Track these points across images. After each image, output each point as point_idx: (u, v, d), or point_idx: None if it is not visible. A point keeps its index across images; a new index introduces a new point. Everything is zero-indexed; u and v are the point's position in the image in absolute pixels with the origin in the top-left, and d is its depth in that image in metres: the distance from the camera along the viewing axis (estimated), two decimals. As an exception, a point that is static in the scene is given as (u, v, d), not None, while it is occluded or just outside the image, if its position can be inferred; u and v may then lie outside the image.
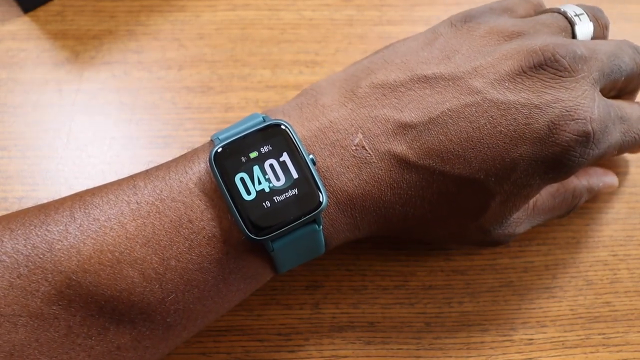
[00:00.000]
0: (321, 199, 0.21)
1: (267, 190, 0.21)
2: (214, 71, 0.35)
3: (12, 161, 0.32)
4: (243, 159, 0.22)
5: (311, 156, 0.22)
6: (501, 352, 0.28)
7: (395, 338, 0.28)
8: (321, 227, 0.22)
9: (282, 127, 0.22)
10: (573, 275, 0.30)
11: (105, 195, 0.22)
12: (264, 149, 0.22)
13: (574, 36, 0.26)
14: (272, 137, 0.22)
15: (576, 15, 0.26)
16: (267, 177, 0.21)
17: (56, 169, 0.32)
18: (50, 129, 0.33)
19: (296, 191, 0.21)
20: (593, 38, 0.27)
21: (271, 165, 0.22)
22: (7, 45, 0.35)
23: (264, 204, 0.21)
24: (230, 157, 0.22)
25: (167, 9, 0.37)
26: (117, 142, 0.33)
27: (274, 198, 0.21)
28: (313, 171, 0.22)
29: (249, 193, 0.21)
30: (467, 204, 0.24)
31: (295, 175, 0.22)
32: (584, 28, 0.26)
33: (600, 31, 0.27)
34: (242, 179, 0.21)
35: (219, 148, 0.22)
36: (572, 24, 0.26)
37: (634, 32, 0.37)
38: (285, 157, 0.22)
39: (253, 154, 0.22)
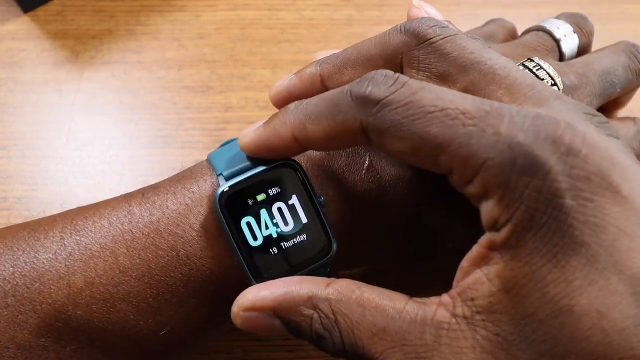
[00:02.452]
0: (331, 246, 0.20)
1: (274, 235, 0.20)
2: (214, 71, 0.35)
3: (12, 161, 0.32)
4: (250, 202, 0.20)
5: (321, 198, 0.21)
6: (501, 352, 0.28)
7: (394, 338, 0.28)
8: (329, 270, 0.21)
9: (292, 167, 0.21)
10: (573, 276, 0.30)
11: (98, 220, 0.21)
12: (272, 191, 0.20)
13: (561, 52, 0.26)
14: (280, 178, 0.21)
15: (559, 29, 0.26)
16: (275, 221, 0.20)
17: (56, 169, 0.32)
18: (50, 129, 0.33)
19: (305, 237, 0.20)
20: (579, 48, 0.27)
21: (279, 209, 0.20)
22: (7, 45, 0.35)
23: (271, 250, 0.20)
24: (237, 200, 0.20)
25: (167, 9, 0.37)
26: (117, 142, 0.33)
27: (282, 244, 0.20)
28: (323, 216, 0.21)
29: (255, 239, 0.20)
30: None
31: (304, 220, 0.20)
32: (570, 43, 0.26)
33: (586, 39, 0.27)
34: (248, 224, 0.20)
35: (225, 188, 0.20)
36: (557, 42, 0.26)
37: (634, 32, 0.37)
38: (294, 200, 0.20)
39: (261, 197, 0.20)
